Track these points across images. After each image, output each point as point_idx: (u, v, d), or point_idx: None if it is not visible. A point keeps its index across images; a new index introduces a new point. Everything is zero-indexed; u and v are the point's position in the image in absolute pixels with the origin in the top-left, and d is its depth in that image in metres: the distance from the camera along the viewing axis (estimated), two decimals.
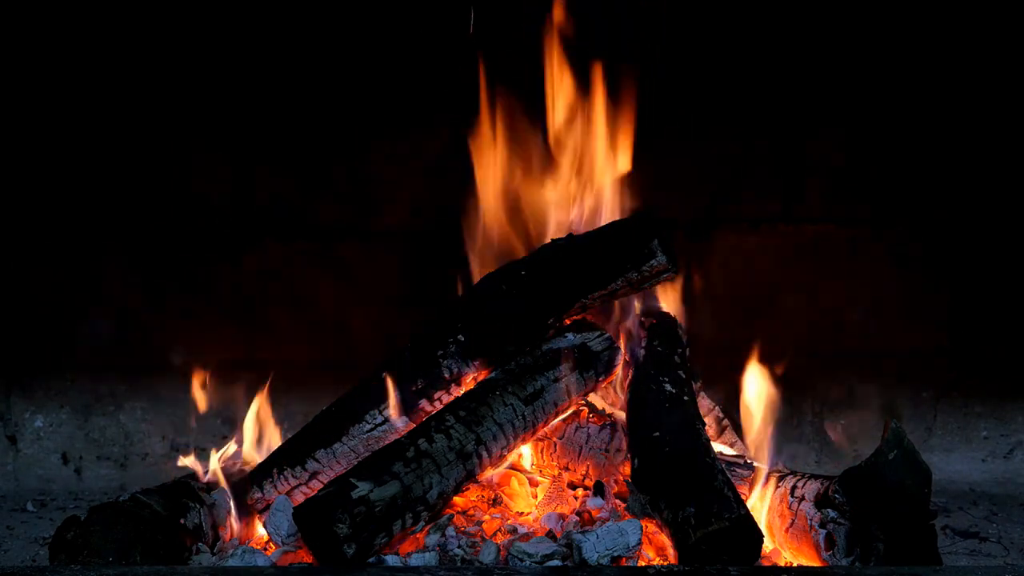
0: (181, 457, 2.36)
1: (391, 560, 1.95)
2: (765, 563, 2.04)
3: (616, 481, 2.26)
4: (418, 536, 2.03)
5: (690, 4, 3.03)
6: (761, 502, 2.15)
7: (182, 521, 2.07)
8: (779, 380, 2.40)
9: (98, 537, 1.93)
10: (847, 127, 3.12)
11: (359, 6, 3.04)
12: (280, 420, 2.48)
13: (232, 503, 2.20)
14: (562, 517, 2.17)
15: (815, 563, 1.98)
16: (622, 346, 2.39)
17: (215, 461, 2.28)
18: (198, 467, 2.28)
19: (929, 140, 3.12)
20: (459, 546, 2.03)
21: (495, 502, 2.25)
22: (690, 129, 3.07)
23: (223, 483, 2.22)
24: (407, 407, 2.28)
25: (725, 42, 3.07)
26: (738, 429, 2.48)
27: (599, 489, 2.26)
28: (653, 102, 2.60)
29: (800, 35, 3.07)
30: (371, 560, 1.94)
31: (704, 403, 2.46)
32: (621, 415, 2.33)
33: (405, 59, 3.07)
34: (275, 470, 2.26)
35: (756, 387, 2.40)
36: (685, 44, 3.04)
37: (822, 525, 1.97)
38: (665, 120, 2.85)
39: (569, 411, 2.34)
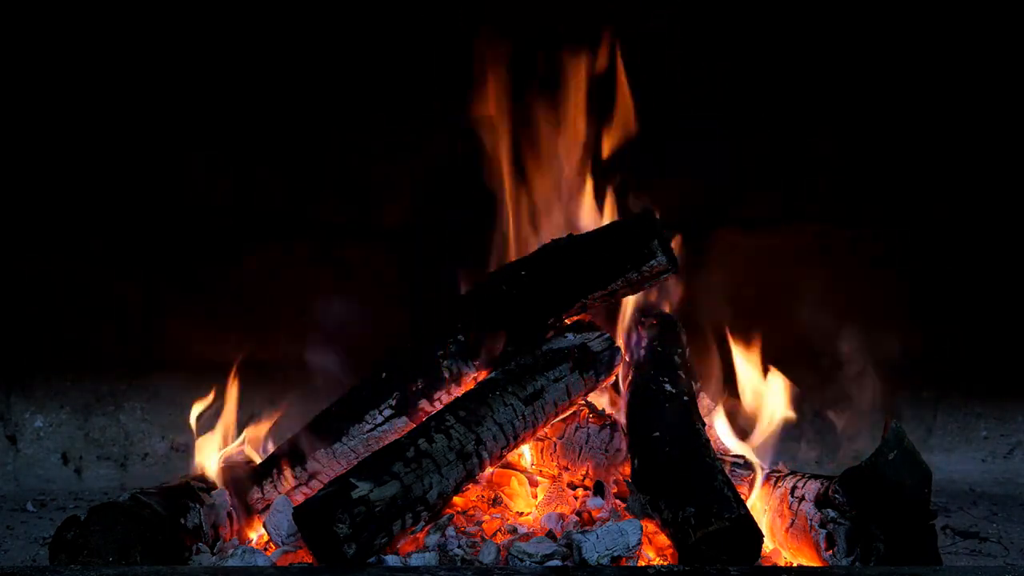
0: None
1: (391, 560, 1.95)
2: (765, 563, 2.04)
3: (616, 481, 2.26)
4: (418, 536, 2.03)
5: (693, 4, 3.03)
6: (761, 502, 2.15)
7: (182, 521, 2.07)
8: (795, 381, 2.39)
9: (98, 537, 1.93)
10: (848, 127, 3.12)
11: (360, 8, 3.04)
12: (280, 420, 2.48)
13: (232, 502, 2.20)
14: (562, 517, 2.17)
15: (815, 563, 1.98)
16: (622, 346, 2.39)
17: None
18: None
19: (928, 141, 3.12)
20: (459, 546, 2.03)
21: (495, 502, 2.25)
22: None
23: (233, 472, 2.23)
24: (407, 407, 2.28)
25: (727, 42, 3.07)
26: (739, 429, 2.48)
27: (599, 489, 2.26)
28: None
29: (801, 36, 3.08)
30: (371, 560, 1.94)
31: (704, 403, 2.46)
32: (621, 415, 2.33)
33: (405, 59, 3.07)
34: (275, 470, 2.26)
35: (771, 388, 2.39)
36: (686, 44, 3.04)
37: (822, 525, 1.97)
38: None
39: (569, 411, 2.34)
